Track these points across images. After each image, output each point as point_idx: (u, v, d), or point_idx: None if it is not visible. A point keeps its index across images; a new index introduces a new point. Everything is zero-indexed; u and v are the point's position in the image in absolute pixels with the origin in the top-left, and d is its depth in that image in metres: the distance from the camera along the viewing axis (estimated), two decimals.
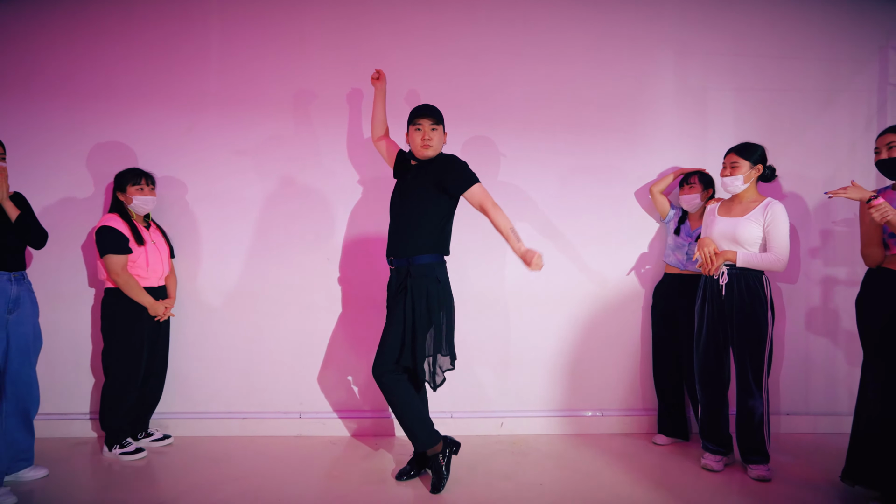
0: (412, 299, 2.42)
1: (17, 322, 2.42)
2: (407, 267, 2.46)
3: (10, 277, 2.41)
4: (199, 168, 3.15)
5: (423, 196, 2.46)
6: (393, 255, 2.51)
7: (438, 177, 2.46)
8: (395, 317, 2.45)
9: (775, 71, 3.25)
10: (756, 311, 2.54)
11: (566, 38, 3.22)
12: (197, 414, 3.14)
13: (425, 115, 2.49)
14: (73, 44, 3.12)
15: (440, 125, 2.51)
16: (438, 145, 2.51)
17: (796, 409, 3.26)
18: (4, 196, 2.37)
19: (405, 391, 2.44)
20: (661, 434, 3.07)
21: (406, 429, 2.44)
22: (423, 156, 2.50)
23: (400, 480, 2.53)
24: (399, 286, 2.48)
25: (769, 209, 2.56)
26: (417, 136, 2.49)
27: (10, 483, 2.44)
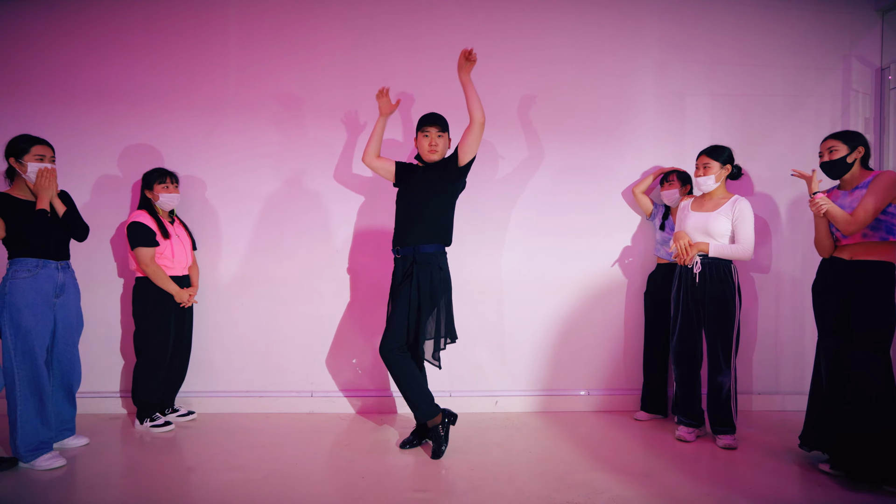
0: (417, 284, 2.69)
1: (63, 306, 2.71)
2: (413, 255, 2.73)
3: (58, 266, 2.69)
4: (219, 167, 3.44)
5: (428, 191, 2.74)
6: (399, 244, 2.77)
7: (442, 170, 2.75)
8: (401, 300, 2.71)
9: (748, 78, 3.52)
10: (726, 296, 2.82)
11: (556, 47, 3.49)
12: (218, 393, 3.43)
13: (433, 123, 2.77)
14: (106, 52, 3.39)
15: (446, 132, 2.80)
16: (443, 151, 2.80)
17: (767, 389, 3.54)
18: (54, 194, 2.65)
19: (410, 367, 2.72)
20: (642, 411, 3.36)
21: (409, 401, 2.72)
22: (430, 160, 2.79)
23: (403, 449, 2.81)
24: (405, 273, 2.74)
25: (737, 205, 2.84)
26: (425, 141, 2.77)
27: (57, 449, 2.74)
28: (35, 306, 2.57)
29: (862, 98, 3.51)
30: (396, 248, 2.79)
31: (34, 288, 2.58)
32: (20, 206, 2.61)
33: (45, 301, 2.62)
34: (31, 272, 2.58)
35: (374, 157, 2.97)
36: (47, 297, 2.64)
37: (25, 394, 2.56)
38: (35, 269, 2.59)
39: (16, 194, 2.64)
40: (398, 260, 2.80)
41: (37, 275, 2.59)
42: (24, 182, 2.64)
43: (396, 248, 2.79)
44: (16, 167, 2.60)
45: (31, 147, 2.60)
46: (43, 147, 2.65)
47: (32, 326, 2.56)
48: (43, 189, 2.60)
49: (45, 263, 2.64)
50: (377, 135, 3.00)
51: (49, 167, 2.63)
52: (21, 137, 2.62)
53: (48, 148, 2.67)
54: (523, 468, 2.61)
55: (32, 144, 2.61)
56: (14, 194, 2.64)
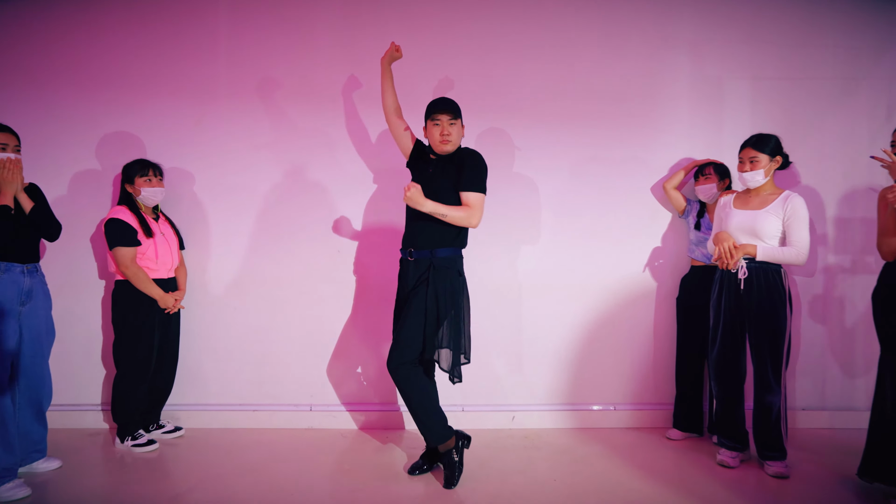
0: (435, 292, 2.39)
1: (29, 314, 2.41)
2: (429, 259, 2.43)
3: (24, 269, 2.40)
4: (209, 159, 3.13)
5: (446, 189, 2.42)
6: (412, 246, 2.46)
7: (458, 168, 2.44)
8: (414, 309, 2.40)
9: (793, 59, 3.18)
10: (776, 305, 2.50)
11: (577, 28, 3.16)
12: (208, 406, 3.14)
13: (444, 109, 2.42)
14: (79, 33, 3.09)
15: (458, 119, 2.46)
16: (457, 140, 2.47)
17: (812, 405, 3.22)
18: (19, 187, 2.37)
19: (422, 384, 2.41)
20: (674, 429, 3.04)
21: (420, 423, 2.42)
22: (443, 151, 2.45)
23: (412, 475, 2.51)
24: (419, 278, 2.43)
25: (789, 202, 2.51)
26: (436, 130, 2.44)
27: (24, 475, 2.45)
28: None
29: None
30: (409, 250, 2.47)
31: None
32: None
33: (8, 309, 2.33)
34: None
35: (392, 114, 2.67)
36: (11, 304, 2.34)
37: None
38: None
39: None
40: (411, 263, 2.47)
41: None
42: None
43: (409, 251, 2.47)
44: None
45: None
46: (5, 135, 2.36)
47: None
48: (6, 182, 2.31)
49: (9, 267, 2.35)
50: (386, 86, 2.69)
51: (13, 157, 2.33)
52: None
53: (11, 136, 2.38)
54: (549, 499, 2.30)
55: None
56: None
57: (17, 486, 2.29)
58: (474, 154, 2.47)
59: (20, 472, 2.45)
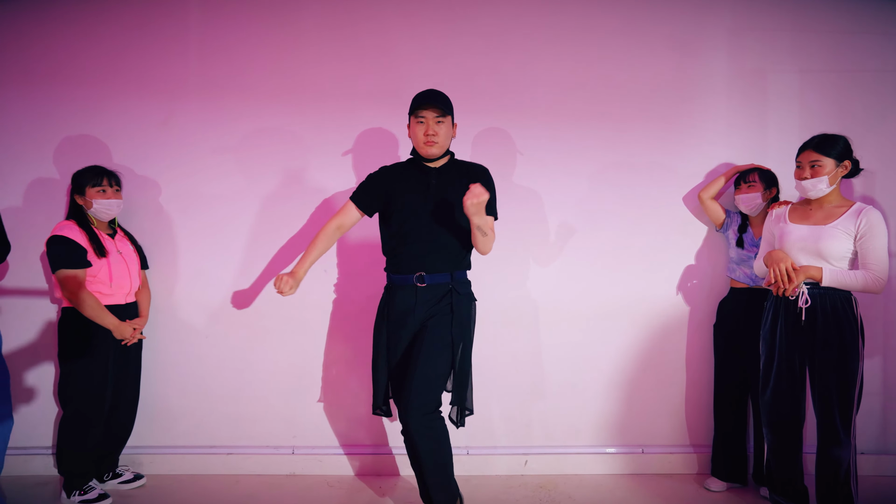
0: (459, 321, 2.06)
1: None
2: (450, 284, 2.08)
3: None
4: (177, 165, 2.74)
5: (458, 201, 2.03)
6: (423, 269, 2.08)
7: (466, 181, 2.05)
8: (439, 342, 2.03)
9: (847, 48, 2.77)
10: (846, 340, 2.08)
11: (597, 16, 2.76)
12: (174, 449, 2.74)
13: (429, 104, 2.04)
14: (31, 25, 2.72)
15: (448, 116, 2.07)
16: (445, 141, 2.08)
17: (872, 448, 2.79)
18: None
19: (447, 437, 2.05)
20: (714, 477, 2.62)
21: (433, 484, 2.03)
22: (428, 154, 2.07)
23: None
24: (435, 306, 2.07)
25: (864, 217, 2.08)
26: (420, 129, 2.06)
27: None
28: None
29: None
30: (419, 274, 2.08)
31: None
32: None
33: None
34: None
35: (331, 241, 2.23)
36: None
37: None
38: None
39: None
40: (420, 290, 2.09)
41: None
42: None
43: (419, 276, 2.08)
44: None
45: None
46: None
47: None
48: None
49: None
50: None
51: None
52: None
53: None
54: None
55: None
56: None
57: None
58: (489, 174, 2.17)
59: None
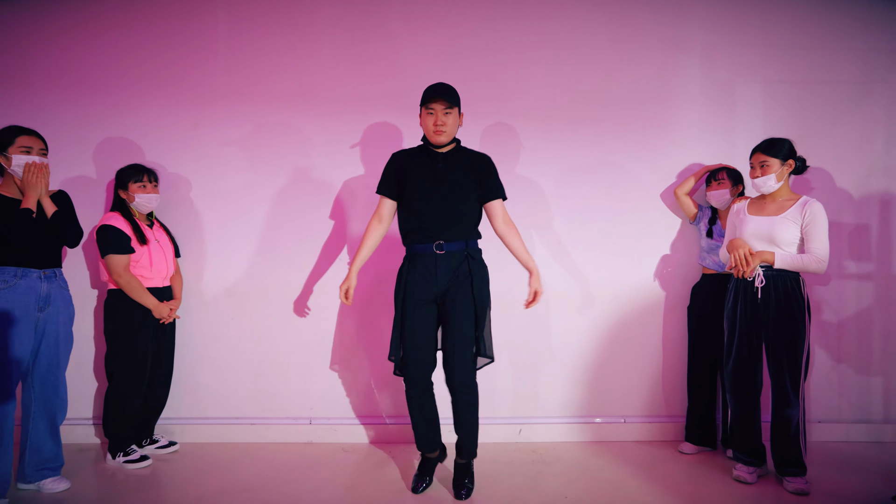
0: (478, 285, 2.32)
1: (47, 320, 2.35)
2: (465, 251, 2.33)
3: (41, 275, 2.33)
4: (205, 164, 3.04)
5: (464, 181, 2.32)
6: (441, 238, 2.29)
7: (477, 173, 2.35)
8: (465, 307, 2.28)
9: (806, 62, 3.10)
10: (794, 315, 2.41)
11: (585, 31, 3.08)
12: (203, 420, 3.03)
13: (437, 96, 2.25)
14: (76, 36, 3.01)
15: (455, 107, 2.29)
16: (453, 130, 2.32)
17: (828, 417, 3.12)
18: (44, 192, 2.33)
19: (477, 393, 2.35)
20: (687, 442, 2.94)
21: (473, 434, 2.34)
22: (437, 141, 2.32)
23: (418, 493, 2.39)
24: (455, 273, 2.30)
25: (808, 208, 2.42)
26: (430, 120, 2.30)
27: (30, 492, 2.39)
28: (11, 322, 2.23)
29: None
30: (438, 242, 2.30)
31: (11, 300, 2.24)
32: (4, 204, 2.28)
33: (24, 316, 2.27)
34: (7, 283, 2.24)
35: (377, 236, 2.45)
36: (28, 310, 2.28)
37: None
38: (13, 279, 2.25)
39: (4, 192, 2.33)
40: (440, 258, 2.30)
41: (14, 286, 2.25)
42: (14, 178, 2.32)
43: (438, 244, 2.30)
44: (0, 161, 2.28)
45: (16, 138, 2.29)
46: (30, 138, 2.32)
47: (7, 345, 2.22)
48: (30, 185, 2.28)
49: (26, 273, 2.29)
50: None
51: (38, 161, 2.30)
52: (7, 128, 2.31)
53: (37, 139, 2.34)
54: None
55: (17, 135, 2.29)
56: (2, 192, 2.32)
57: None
58: (491, 160, 2.42)
59: (28, 490, 2.40)
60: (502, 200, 2.40)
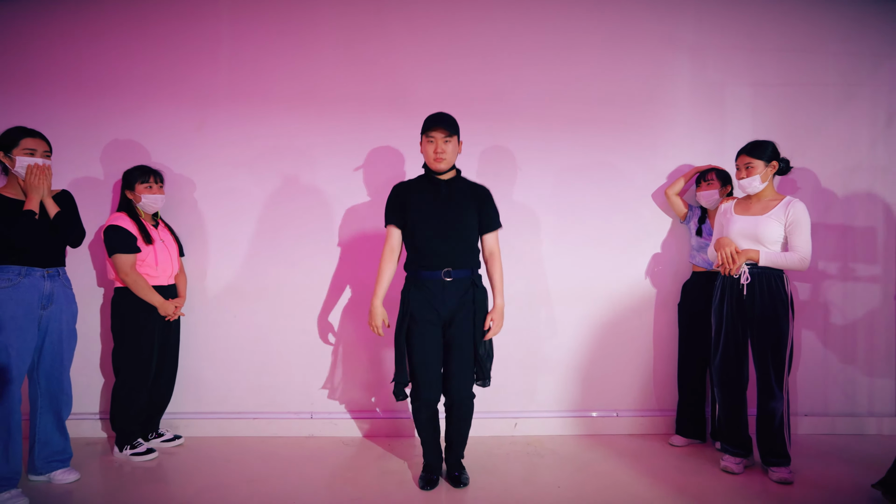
0: (479, 315, 2.42)
1: (51, 318, 2.42)
2: (471, 278, 2.42)
3: (44, 274, 2.40)
4: (209, 165, 3.11)
5: (467, 210, 2.41)
6: (450, 265, 2.38)
7: (478, 202, 2.45)
8: (466, 336, 2.39)
9: (794, 65, 3.18)
10: (778, 311, 2.49)
11: (581, 34, 3.16)
12: (207, 414, 3.11)
13: (438, 125, 2.35)
14: (79, 36, 3.07)
15: (454, 136, 2.39)
16: (452, 157, 2.41)
17: (814, 411, 3.21)
18: (46, 193, 2.39)
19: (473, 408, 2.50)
20: (677, 435, 3.03)
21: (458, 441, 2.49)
22: (437, 168, 2.40)
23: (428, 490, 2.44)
24: (462, 299, 2.40)
25: (791, 208, 2.51)
26: (430, 147, 2.39)
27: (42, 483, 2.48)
28: (15, 320, 2.30)
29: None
30: (447, 270, 2.39)
31: (15, 299, 2.31)
32: (7, 205, 2.35)
33: (27, 314, 2.34)
34: (11, 282, 2.31)
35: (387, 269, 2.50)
36: (31, 308, 2.35)
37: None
38: (17, 277, 2.32)
39: (7, 193, 2.39)
40: (448, 284, 2.38)
41: (18, 284, 2.32)
42: (17, 179, 2.39)
43: (447, 271, 2.39)
44: (4, 162, 2.36)
45: (21, 140, 2.35)
46: (34, 140, 2.38)
47: (10, 343, 2.29)
48: (32, 187, 2.34)
49: (30, 271, 2.36)
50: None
51: (40, 163, 2.36)
52: (12, 129, 2.37)
53: (41, 141, 2.40)
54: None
55: (22, 137, 2.36)
56: (5, 193, 2.39)
57: (15, 497, 2.26)
58: (489, 192, 2.51)
59: (39, 481, 2.48)
60: (496, 232, 2.50)
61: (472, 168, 3.11)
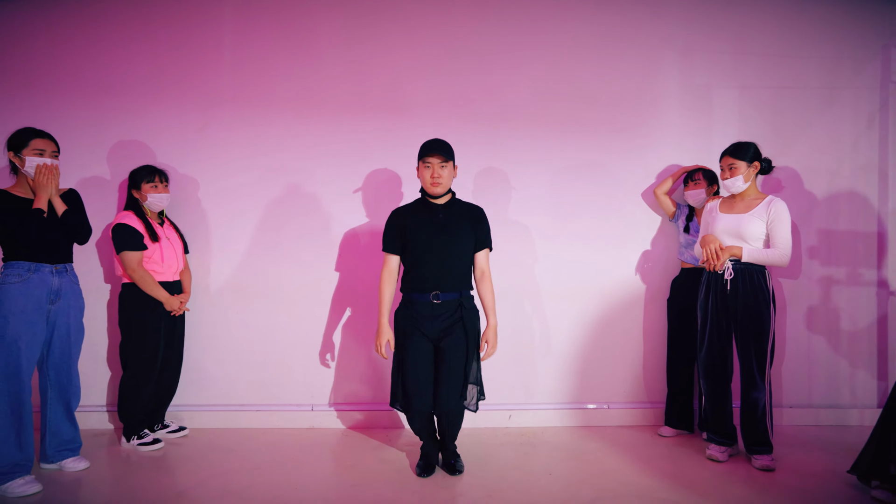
0: (470, 332, 2.50)
1: (59, 313, 2.52)
2: (459, 301, 2.51)
3: (52, 269, 2.50)
4: (213, 165, 3.21)
5: (463, 233, 2.51)
6: (438, 289, 2.48)
7: (473, 222, 2.54)
8: (456, 350, 2.48)
9: (779, 69, 3.29)
10: (760, 306, 2.60)
11: (572, 38, 3.26)
12: (211, 406, 3.21)
13: (434, 152, 2.45)
14: (85, 38, 3.16)
15: (450, 161, 2.49)
16: (448, 182, 2.51)
17: (799, 402, 3.32)
18: (54, 192, 2.49)
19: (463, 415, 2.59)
20: (666, 426, 3.13)
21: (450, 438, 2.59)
22: (434, 192, 2.50)
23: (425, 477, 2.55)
24: (450, 318, 2.49)
25: (772, 206, 2.61)
26: (427, 172, 2.48)
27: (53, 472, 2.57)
28: (24, 314, 2.40)
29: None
30: (435, 293, 2.48)
31: (24, 294, 2.40)
32: (17, 203, 2.45)
33: (36, 308, 2.44)
34: (21, 277, 2.41)
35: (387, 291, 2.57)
36: (39, 303, 2.45)
37: (4, 409, 2.37)
38: (27, 273, 2.42)
39: (16, 192, 2.49)
40: (436, 307, 2.48)
41: (28, 280, 2.42)
42: (26, 178, 2.49)
43: (435, 294, 2.48)
44: (14, 162, 2.46)
45: (31, 140, 2.46)
46: (43, 141, 2.49)
47: (20, 336, 2.38)
48: (41, 186, 2.44)
49: (38, 267, 2.46)
50: None
51: (49, 163, 2.47)
52: (22, 130, 2.48)
53: (49, 142, 2.51)
54: (545, 493, 2.38)
55: (32, 137, 2.47)
56: (14, 192, 2.49)
57: (29, 483, 2.36)
58: (483, 213, 2.61)
59: (50, 469, 2.58)
60: (488, 251, 2.59)
61: (468, 169, 3.20)
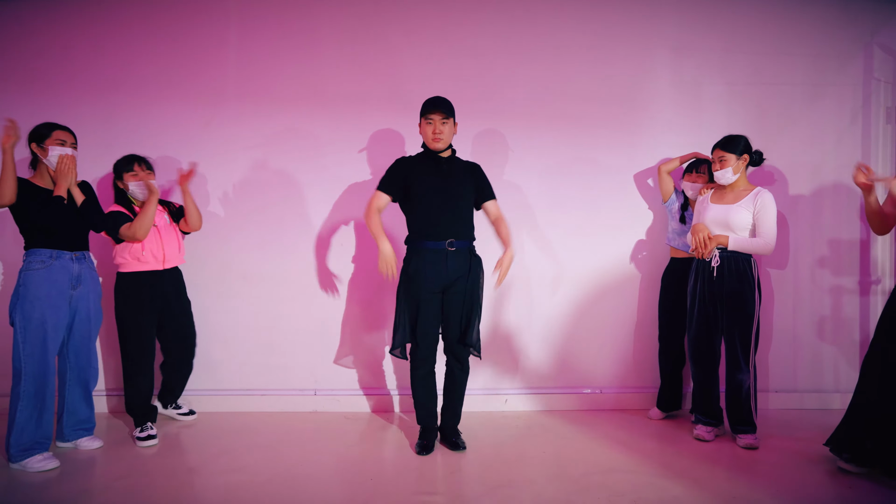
0: (477, 280, 2.66)
1: (80, 297, 2.63)
2: (469, 248, 2.67)
3: (72, 256, 2.61)
4: (219, 159, 3.31)
5: (467, 182, 2.67)
6: (453, 236, 2.60)
7: (474, 178, 2.71)
8: (467, 298, 2.62)
9: (765, 66, 3.41)
10: (745, 292, 2.72)
11: (567, 36, 3.37)
12: (217, 391, 3.32)
13: (435, 109, 2.58)
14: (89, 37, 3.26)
15: (451, 118, 2.62)
16: (449, 137, 2.64)
17: (784, 387, 3.45)
18: (73, 182, 2.61)
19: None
20: (656, 408, 3.25)
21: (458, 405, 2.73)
22: (435, 147, 2.63)
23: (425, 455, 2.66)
24: (459, 269, 2.61)
25: (759, 197, 2.74)
26: (429, 128, 2.61)
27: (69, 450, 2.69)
28: (49, 298, 2.52)
29: (884, 87, 3.41)
30: (450, 241, 2.60)
31: (48, 279, 2.52)
32: (39, 193, 2.57)
33: (60, 293, 2.56)
34: (44, 263, 2.53)
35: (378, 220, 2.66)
36: (63, 288, 2.57)
37: (29, 390, 2.50)
38: (49, 260, 2.54)
39: (37, 182, 2.61)
40: (450, 254, 2.59)
41: (50, 266, 2.54)
42: (45, 170, 2.61)
43: (450, 241, 2.61)
44: (37, 152, 2.58)
45: (53, 132, 2.59)
46: (64, 132, 2.62)
47: (46, 319, 2.51)
48: (62, 175, 2.57)
49: (59, 254, 2.58)
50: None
51: (70, 153, 2.59)
52: (43, 124, 2.61)
53: (70, 134, 2.64)
54: (538, 470, 2.51)
55: (54, 129, 2.60)
56: (35, 182, 2.61)
57: (47, 459, 2.47)
58: (481, 169, 2.78)
59: (66, 447, 2.70)
60: (495, 200, 2.77)
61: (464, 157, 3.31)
